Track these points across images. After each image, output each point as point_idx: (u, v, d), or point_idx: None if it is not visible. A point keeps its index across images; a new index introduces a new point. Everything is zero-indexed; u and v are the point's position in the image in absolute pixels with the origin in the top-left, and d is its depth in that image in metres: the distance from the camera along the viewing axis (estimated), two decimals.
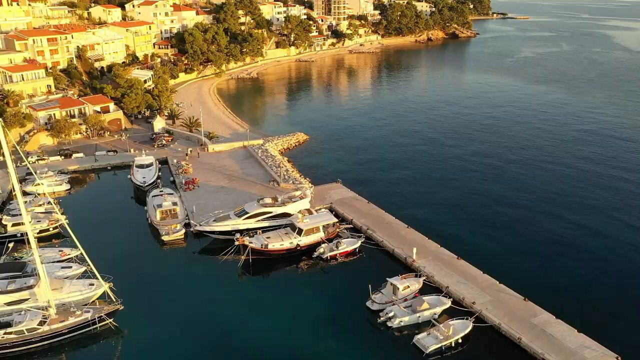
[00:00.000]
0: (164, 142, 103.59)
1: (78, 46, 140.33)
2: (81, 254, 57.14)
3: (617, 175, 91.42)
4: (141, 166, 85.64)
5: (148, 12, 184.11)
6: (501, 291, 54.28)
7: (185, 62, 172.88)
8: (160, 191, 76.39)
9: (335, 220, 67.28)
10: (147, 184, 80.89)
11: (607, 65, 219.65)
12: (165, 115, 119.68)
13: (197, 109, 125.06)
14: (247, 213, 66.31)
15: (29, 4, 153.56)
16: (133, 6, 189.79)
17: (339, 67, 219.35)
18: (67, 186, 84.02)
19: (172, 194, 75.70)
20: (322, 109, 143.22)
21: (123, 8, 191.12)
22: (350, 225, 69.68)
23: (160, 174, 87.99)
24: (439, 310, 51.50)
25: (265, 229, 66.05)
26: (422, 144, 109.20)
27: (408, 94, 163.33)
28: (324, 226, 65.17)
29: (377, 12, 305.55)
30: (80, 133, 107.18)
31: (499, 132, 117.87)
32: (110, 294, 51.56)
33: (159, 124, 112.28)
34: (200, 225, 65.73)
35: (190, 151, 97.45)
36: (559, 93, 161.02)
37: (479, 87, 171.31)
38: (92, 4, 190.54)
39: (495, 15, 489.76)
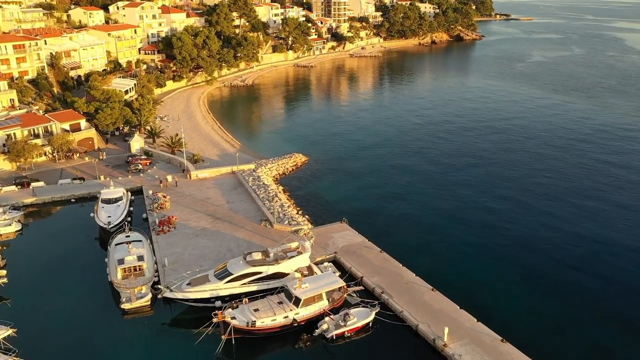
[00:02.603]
0: (140, 166, 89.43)
1: (51, 53, 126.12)
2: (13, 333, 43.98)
3: None
4: (108, 201, 71.52)
5: (133, 14, 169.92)
6: None
7: (174, 68, 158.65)
8: (127, 236, 62.41)
9: (342, 283, 53.13)
10: (112, 225, 66.69)
11: (626, 71, 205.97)
12: (145, 133, 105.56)
13: (184, 123, 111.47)
14: (230, 274, 52.28)
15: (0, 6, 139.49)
16: (117, 8, 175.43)
17: (340, 73, 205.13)
18: (18, 226, 69.85)
19: (140, 241, 61.48)
20: (322, 122, 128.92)
21: (106, 10, 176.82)
22: (361, 288, 55.69)
23: (132, 209, 74.45)
24: None
25: (252, 295, 52.19)
26: (439, 170, 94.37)
27: (416, 103, 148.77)
28: (327, 292, 51.30)
29: (379, 13, 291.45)
30: (45, 155, 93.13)
31: (525, 155, 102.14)
32: None
33: (137, 143, 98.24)
34: (171, 290, 51.70)
35: (167, 179, 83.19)
36: (580, 104, 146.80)
37: (492, 97, 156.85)
38: (72, 6, 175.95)
39: (498, 16, 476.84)
